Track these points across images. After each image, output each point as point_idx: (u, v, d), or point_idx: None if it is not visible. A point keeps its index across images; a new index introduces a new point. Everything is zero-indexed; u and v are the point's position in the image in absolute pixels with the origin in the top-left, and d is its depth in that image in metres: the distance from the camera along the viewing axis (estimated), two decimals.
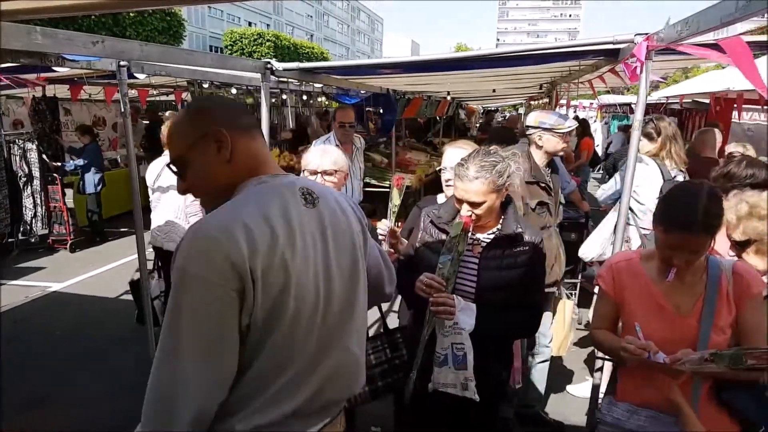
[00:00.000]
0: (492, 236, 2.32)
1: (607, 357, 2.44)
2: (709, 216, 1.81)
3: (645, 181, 3.90)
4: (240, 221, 1.33)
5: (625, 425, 2.00)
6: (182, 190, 1.55)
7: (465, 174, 2.20)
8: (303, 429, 1.51)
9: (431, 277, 2.19)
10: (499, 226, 2.33)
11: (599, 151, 13.69)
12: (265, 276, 1.33)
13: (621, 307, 2.10)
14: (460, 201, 2.26)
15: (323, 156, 2.98)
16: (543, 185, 3.54)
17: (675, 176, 3.96)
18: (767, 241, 2.20)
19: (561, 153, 3.92)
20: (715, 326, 1.88)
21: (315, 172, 2.94)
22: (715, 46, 2.75)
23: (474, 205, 2.22)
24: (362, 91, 8.10)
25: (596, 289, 3.84)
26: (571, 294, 5.00)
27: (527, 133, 3.69)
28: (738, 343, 1.92)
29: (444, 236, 2.32)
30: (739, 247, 2.29)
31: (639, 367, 1.90)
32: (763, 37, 3.58)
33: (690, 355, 1.77)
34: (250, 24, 55.38)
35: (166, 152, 4.61)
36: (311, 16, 76.02)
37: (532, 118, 3.65)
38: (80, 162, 8.53)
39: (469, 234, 2.25)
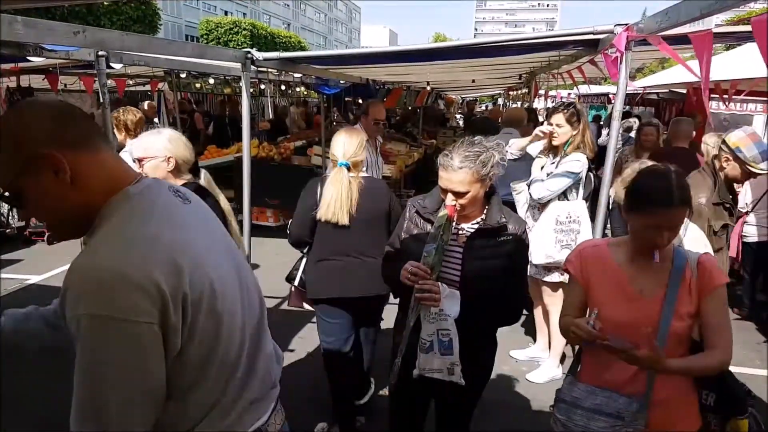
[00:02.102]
0: (476, 226, 2.34)
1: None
2: (682, 189, 1.91)
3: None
4: (138, 248, 1.18)
5: (582, 404, 2.07)
6: (24, 217, 1.43)
7: (449, 164, 2.22)
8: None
9: (416, 265, 2.20)
10: (483, 216, 2.35)
11: None
12: (192, 291, 1.21)
13: (587, 291, 2.15)
14: (445, 191, 2.29)
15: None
16: (728, 206, 3.47)
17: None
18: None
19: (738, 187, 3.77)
20: (677, 313, 1.94)
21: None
22: (685, 39, 2.81)
23: (458, 195, 2.23)
24: (342, 81, 8.09)
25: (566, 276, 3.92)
26: None
27: (720, 147, 3.54)
28: (701, 337, 2.01)
29: (429, 226, 2.35)
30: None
31: (600, 350, 1.94)
32: (740, 27, 3.65)
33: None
34: (226, 13, 54.59)
35: (128, 143, 4.73)
36: (288, 5, 75.24)
37: (735, 138, 3.44)
38: None
39: (454, 224, 2.27)
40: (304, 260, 3.40)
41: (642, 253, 2.02)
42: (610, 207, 5.99)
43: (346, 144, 3.15)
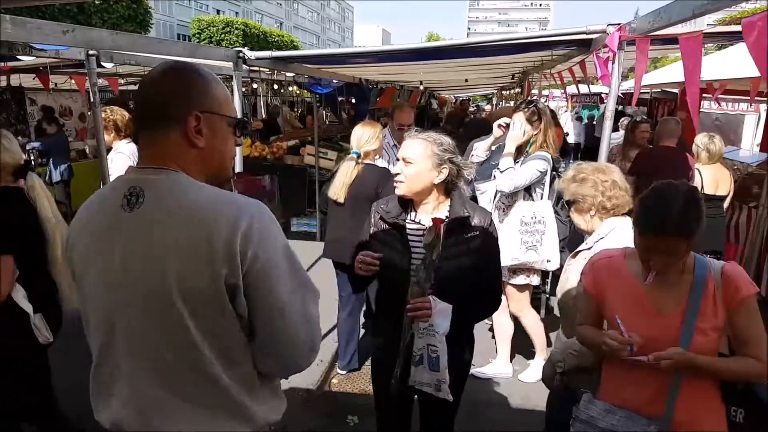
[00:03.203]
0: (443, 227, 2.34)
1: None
2: (684, 218, 1.78)
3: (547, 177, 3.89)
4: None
5: (598, 423, 1.98)
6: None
7: (409, 135, 2.39)
8: None
9: (366, 254, 2.28)
10: (447, 214, 2.35)
11: (571, 141, 13.85)
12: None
13: (602, 305, 2.08)
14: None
15: None
16: None
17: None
18: (586, 203, 2.53)
19: None
20: (698, 329, 1.84)
21: None
22: (674, 41, 2.83)
23: (407, 162, 2.30)
24: (334, 81, 8.07)
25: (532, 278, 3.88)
26: (546, 281, 5.09)
27: None
28: (733, 352, 1.92)
29: (393, 230, 2.38)
30: (568, 207, 2.65)
31: (621, 366, 1.90)
32: (731, 27, 3.67)
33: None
34: (218, 12, 54.31)
35: (116, 145, 4.70)
36: (281, 4, 74.97)
37: None
38: (37, 144, 8.38)
39: (441, 239, 2.22)
40: None
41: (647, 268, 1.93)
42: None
43: (360, 136, 3.81)
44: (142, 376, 1.37)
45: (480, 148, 4.22)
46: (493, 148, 4.19)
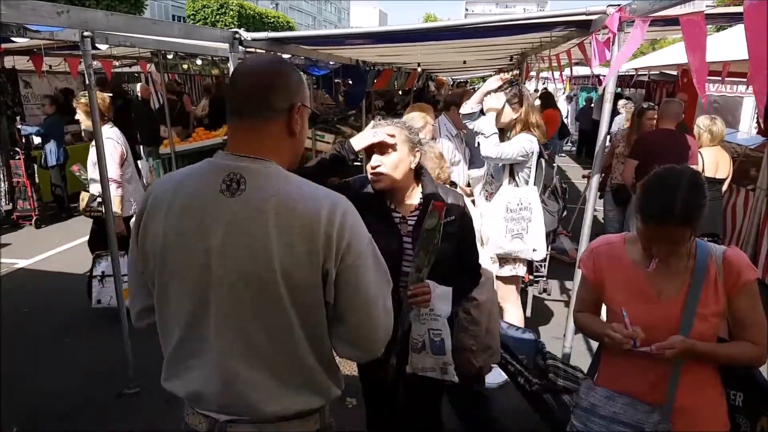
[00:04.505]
0: (417, 212, 2.32)
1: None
2: (687, 207, 1.74)
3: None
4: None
5: (600, 411, 1.97)
6: None
7: (380, 124, 2.30)
8: (207, 412, 1.52)
9: None
10: (420, 200, 2.33)
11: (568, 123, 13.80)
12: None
13: (602, 291, 2.06)
14: (370, 155, 2.27)
15: None
16: None
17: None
18: None
19: None
20: (699, 315, 1.83)
21: None
22: (675, 22, 2.79)
23: (383, 149, 2.21)
24: (331, 62, 7.99)
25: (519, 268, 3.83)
26: (542, 265, 5.10)
27: None
28: (733, 337, 1.91)
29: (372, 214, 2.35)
30: None
31: (621, 352, 1.89)
32: (733, 9, 3.63)
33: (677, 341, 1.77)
34: None
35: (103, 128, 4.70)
36: None
37: None
38: (31, 128, 8.33)
39: (442, 223, 2.20)
40: None
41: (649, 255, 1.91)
42: (610, 189, 5.99)
43: (409, 119, 3.76)
44: (232, 353, 1.45)
45: (469, 103, 4.00)
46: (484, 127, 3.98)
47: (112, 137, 4.82)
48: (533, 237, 3.76)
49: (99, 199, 4.86)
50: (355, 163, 2.65)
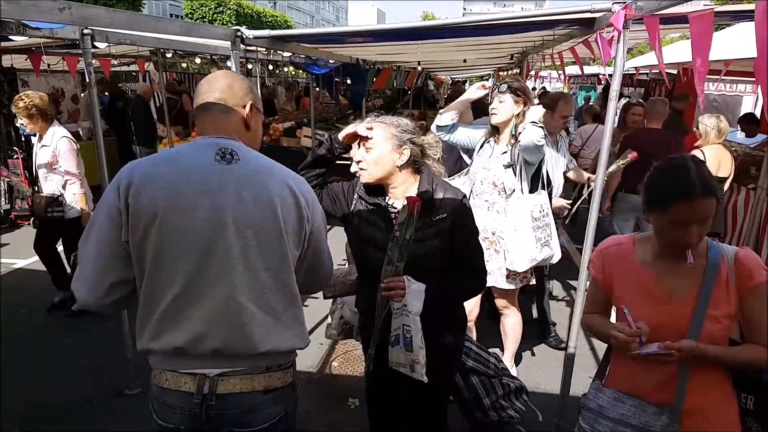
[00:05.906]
0: None
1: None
2: (704, 178, 1.75)
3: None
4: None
5: (608, 413, 1.95)
6: None
7: (373, 120, 2.34)
8: (195, 369, 1.68)
9: None
10: (417, 194, 2.29)
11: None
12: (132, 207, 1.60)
13: (611, 293, 2.04)
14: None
15: None
16: None
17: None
18: None
19: None
20: (710, 316, 1.80)
21: None
22: (683, 19, 2.77)
23: (367, 148, 2.26)
24: (331, 61, 7.97)
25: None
26: (546, 267, 5.06)
27: None
28: (743, 337, 1.89)
29: (368, 206, 2.37)
30: None
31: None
32: (741, 6, 3.61)
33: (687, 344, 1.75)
34: None
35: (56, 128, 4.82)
36: None
37: None
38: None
39: (415, 217, 2.16)
40: None
41: (670, 252, 1.88)
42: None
43: None
44: (238, 290, 1.66)
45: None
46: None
47: (67, 135, 4.96)
48: (555, 242, 3.70)
49: (63, 199, 4.95)
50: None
